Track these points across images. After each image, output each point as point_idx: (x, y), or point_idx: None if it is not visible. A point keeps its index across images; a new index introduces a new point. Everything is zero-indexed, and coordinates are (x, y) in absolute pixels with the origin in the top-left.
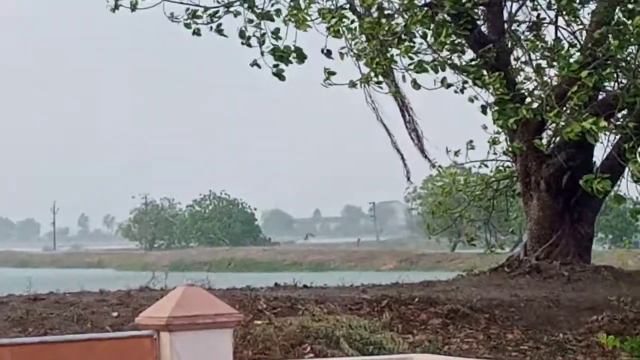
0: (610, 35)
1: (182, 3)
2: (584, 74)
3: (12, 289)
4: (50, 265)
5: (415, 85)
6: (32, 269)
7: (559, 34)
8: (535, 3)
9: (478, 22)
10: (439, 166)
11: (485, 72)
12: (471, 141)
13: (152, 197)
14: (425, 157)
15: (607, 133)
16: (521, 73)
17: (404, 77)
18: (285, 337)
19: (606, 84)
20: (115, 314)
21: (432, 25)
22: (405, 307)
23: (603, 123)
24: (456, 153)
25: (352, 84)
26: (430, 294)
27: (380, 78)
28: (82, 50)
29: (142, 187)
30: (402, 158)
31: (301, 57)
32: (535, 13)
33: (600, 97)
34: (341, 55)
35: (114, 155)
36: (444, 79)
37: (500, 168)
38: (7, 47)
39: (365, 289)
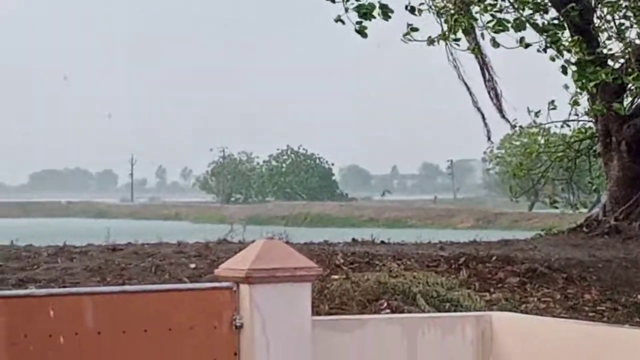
0: None
1: None
2: None
3: (91, 239)
4: (128, 216)
5: (495, 44)
6: (109, 219)
7: None
8: None
9: None
10: (520, 126)
11: (563, 35)
12: (552, 101)
13: (230, 151)
14: (504, 117)
15: None
16: (604, 33)
17: (482, 35)
18: (362, 293)
19: None
20: (193, 265)
21: None
22: (483, 265)
23: None
24: (537, 114)
25: (431, 41)
26: (507, 253)
27: (459, 35)
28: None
29: (220, 140)
30: (483, 117)
31: (386, 13)
32: None
33: None
34: (419, 11)
35: (192, 108)
36: (522, 39)
37: (582, 129)
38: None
39: (443, 246)
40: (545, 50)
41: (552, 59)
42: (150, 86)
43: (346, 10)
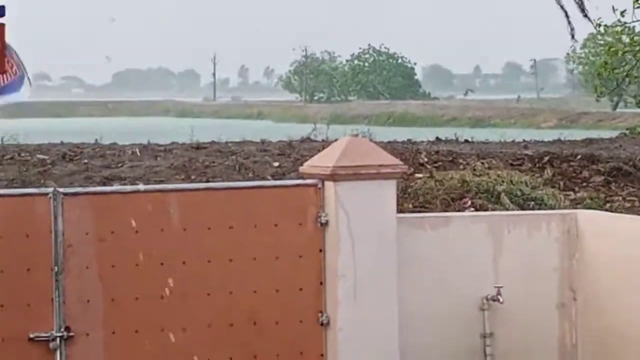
0: None
1: None
2: None
3: (175, 137)
4: (211, 115)
5: None
6: (192, 118)
7: None
8: None
9: None
10: (605, 25)
11: None
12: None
13: (313, 50)
14: (586, 16)
15: None
16: None
17: None
18: (446, 191)
19: None
20: (276, 163)
21: None
22: (567, 164)
23: None
24: (622, 13)
25: None
26: (592, 152)
27: None
28: None
29: (303, 39)
30: (567, 15)
31: None
32: None
33: None
34: None
35: (273, 8)
36: None
37: None
38: None
39: (527, 145)
40: None
41: None
42: None
43: None
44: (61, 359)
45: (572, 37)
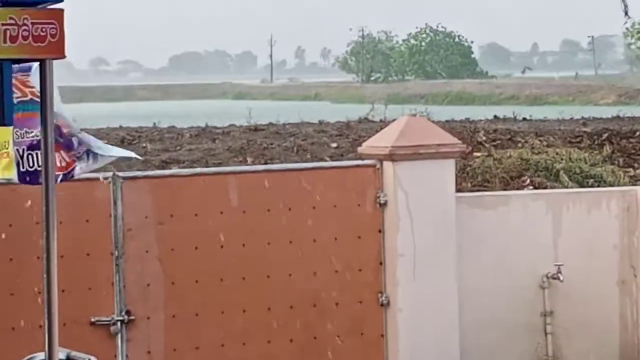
0: None
1: None
2: None
3: (233, 119)
4: (268, 97)
5: None
6: (249, 100)
7: None
8: None
9: None
10: None
11: None
12: None
13: (369, 30)
14: None
15: None
16: None
17: None
18: (505, 169)
19: None
20: (334, 144)
21: None
22: (627, 140)
23: None
24: None
25: None
26: None
27: None
28: None
29: (359, 20)
30: None
31: None
32: None
33: None
34: None
35: None
36: None
37: None
38: None
39: (585, 122)
40: None
41: None
42: None
43: None
44: (122, 342)
45: (626, 13)
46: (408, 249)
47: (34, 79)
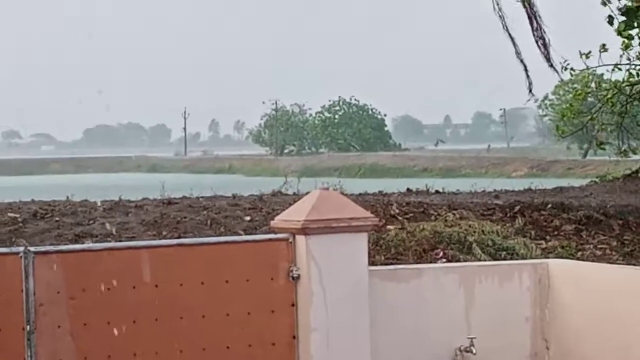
0: None
1: None
2: None
3: (146, 193)
4: (182, 170)
5: None
6: (163, 174)
7: None
8: None
9: None
10: (571, 68)
11: None
12: (604, 45)
13: (282, 103)
14: (551, 66)
15: None
16: None
17: None
18: (418, 242)
19: None
20: (248, 218)
21: None
22: (538, 213)
23: None
24: (587, 55)
25: None
26: (563, 200)
27: None
28: None
29: (272, 93)
30: (525, 69)
31: None
32: None
33: None
34: None
35: (244, 60)
36: None
37: (633, 72)
38: None
39: (497, 194)
40: None
41: (604, 4)
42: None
43: None
44: None
45: (530, 90)
46: (321, 323)
47: None
